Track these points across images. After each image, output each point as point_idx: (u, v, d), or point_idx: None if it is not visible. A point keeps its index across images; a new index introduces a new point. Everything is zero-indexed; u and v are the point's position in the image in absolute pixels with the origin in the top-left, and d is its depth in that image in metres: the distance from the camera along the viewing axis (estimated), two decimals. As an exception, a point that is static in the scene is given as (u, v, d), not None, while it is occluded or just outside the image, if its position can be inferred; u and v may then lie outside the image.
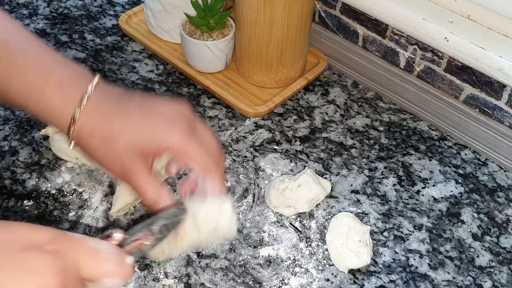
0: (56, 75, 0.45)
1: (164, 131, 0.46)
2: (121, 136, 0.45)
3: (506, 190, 0.66)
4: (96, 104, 0.45)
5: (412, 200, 0.64)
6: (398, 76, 0.77)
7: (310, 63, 0.80)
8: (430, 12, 0.69)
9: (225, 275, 0.56)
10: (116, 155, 0.45)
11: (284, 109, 0.75)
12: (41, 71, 0.45)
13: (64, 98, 0.45)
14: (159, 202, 0.46)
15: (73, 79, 0.46)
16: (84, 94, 0.45)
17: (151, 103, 0.47)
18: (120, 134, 0.45)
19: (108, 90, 0.47)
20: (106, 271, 0.34)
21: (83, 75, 0.47)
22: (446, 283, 0.57)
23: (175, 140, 0.46)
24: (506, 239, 0.61)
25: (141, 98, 0.48)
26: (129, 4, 0.90)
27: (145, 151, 0.46)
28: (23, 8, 0.88)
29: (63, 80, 0.45)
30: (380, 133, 0.72)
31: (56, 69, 0.46)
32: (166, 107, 0.47)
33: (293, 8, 0.67)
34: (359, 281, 0.56)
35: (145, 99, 0.48)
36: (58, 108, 0.45)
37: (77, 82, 0.46)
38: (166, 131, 0.46)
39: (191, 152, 0.46)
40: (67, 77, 0.46)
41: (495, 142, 0.70)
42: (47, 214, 0.60)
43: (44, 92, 0.45)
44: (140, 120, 0.46)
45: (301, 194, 0.60)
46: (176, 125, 0.46)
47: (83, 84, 0.45)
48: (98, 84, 0.46)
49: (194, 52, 0.75)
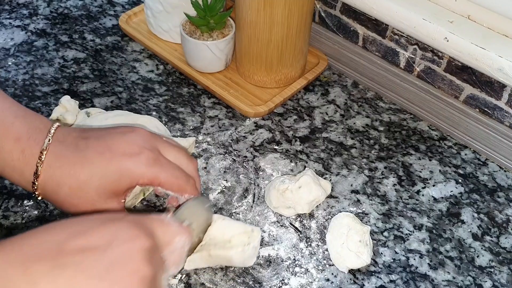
0: (13, 132, 0.45)
1: (130, 168, 0.46)
2: (89, 183, 0.45)
3: (506, 190, 0.66)
4: (56, 155, 0.45)
5: (412, 200, 0.64)
6: (398, 76, 0.77)
7: (310, 63, 0.80)
8: (430, 12, 0.69)
9: (225, 275, 0.56)
10: (88, 201, 0.46)
11: (284, 109, 0.75)
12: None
13: (22, 154, 0.45)
14: None
15: (31, 133, 0.45)
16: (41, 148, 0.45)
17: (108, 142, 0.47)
18: (87, 181, 0.45)
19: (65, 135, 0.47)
20: (173, 232, 0.41)
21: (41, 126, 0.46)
22: (446, 283, 0.57)
23: (143, 173, 0.47)
24: (506, 239, 0.61)
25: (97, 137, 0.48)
26: (129, 4, 0.90)
27: (116, 190, 0.47)
28: (23, 8, 0.88)
29: (22, 136, 0.45)
30: (380, 133, 0.72)
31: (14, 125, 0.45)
32: (125, 141, 0.47)
33: (293, 8, 0.67)
34: (359, 281, 0.56)
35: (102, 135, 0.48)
36: (18, 166, 0.45)
37: (36, 136, 0.45)
38: (132, 168, 0.46)
39: (161, 180, 0.48)
40: (26, 132, 0.45)
41: (495, 142, 0.70)
42: (47, 214, 0.60)
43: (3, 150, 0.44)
44: (103, 162, 0.46)
45: (301, 195, 0.60)
46: (140, 158, 0.47)
47: (40, 137, 0.45)
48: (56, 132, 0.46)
49: (194, 52, 0.75)
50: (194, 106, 0.74)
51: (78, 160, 0.45)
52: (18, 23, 0.85)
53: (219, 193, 0.63)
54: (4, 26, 0.84)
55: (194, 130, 0.71)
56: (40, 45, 0.81)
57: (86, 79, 0.77)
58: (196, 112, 0.73)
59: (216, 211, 0.61)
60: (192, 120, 0.72)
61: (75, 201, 0.46)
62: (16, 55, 0.79)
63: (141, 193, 0.61)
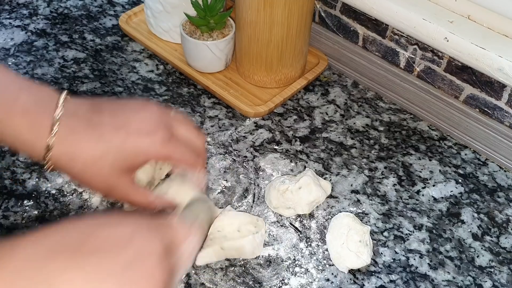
0: (20, 105, 0.44)
1: (146, 145, 0.47)
2: (105, 159, 0.45)
3: (506, 190, 0.66)
4: (70, 128, 0.44)
5: (412, 200, 0.64)
6: (398, 76, 0.77)
7: (310, 63, 0.80)
8: (430, 12, 0.69)
9: (225, 275, 0.56)
10: (101, 177, 0.46)
11: (284, 109, 0.75)
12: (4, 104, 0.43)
13: (33, 127, 0.44)
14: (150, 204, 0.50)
15: (39, 106, 0.44)
16: (53, 119, 0.44)
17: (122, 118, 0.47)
18: (102, 157, 0.45)
19: (76, 107, 0.46)
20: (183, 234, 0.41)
21: (49, 97, 0.45)
22: (446, 283, 0.57)
23: (157, 152, 0.48)
24: (506, 239, 0.61)
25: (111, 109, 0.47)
26: (129, 4, 0.90)
27: (130, 167, 0.47)
28: (23, 8, 0.88)
29: (29, 108, 0.44)
30: (380, 133, 0.72)
31: (20, 97, 0.44)
32: (140, 119, 0.47)
33: (293, 8, 0.67)
34: (359, 281, 0.56)
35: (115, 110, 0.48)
36: (29, 138, 0.44)
37: (44, 109, 0.44)
38: (148, 144, 0.47)
39: (176, 156, 0.49)
40: (33, 105, 0.44)
41: (495, 142, 0.70)
42: (47, 214, 0.60)
43: (11, 124, 0.43)
44: (119, 140, 0.46)
45: (301, 196, 0.60)
46: (156, 135, 0.47)
47: (49, 110, 0.44)
48: (65, 103, 0.45)
49: (194, 52, 0.75)
50: (194, 106, 0.74)
51: (93, 136, 0.45)
52: (18, 23, 0.85)
53: (219, 193, 0.63)
54: (4, 26, 0.84)
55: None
56: (40, 45, 0.81)
57: (86, 79, 0.77)
58: (196, 112, 0.73)
59: (216, 211, 0.62)
60: (192, 120, 0.72)
61: (87, 175, 0.46)
62: (16, 55, 0.79)
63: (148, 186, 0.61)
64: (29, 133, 0.44)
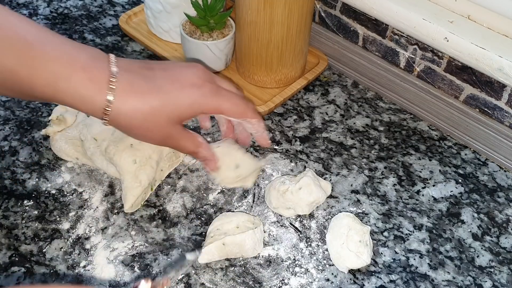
0: (78, 61, 0.46)
1: (198, 98, 0.50)
2: (162, 110, 0.48)
3: (506, 190, 0.66)
4: (128, 82, 0.47)
5: (412, 200, 0.64)
6: (398, 76, 0.77)
7: (310, 63, 0.80)
8: (430, 12, 0.69)
9: (225, 275, 0.56)
10: (159, 128, 0.49)
11: (284, 109, 0.75)
12: (63, 60, 0.45)
13: (92, 83, 0.45)
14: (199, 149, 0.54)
15: (95, 62, 0.46)
16: (110, 75, 0.46)
17: (175, 73, 0.50)
18: (160, 108, 0.48)
19: (129, 64, 0.49)
20: None
21: (102, 56, 0.48)
22: (446, 283, 0.57)
23: (208, 103, 0.51)
24: (506, 239, 0.61)
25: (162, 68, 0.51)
26: (129, 4, 0.90)
27: (184, 117, 0.50)
28: (23, 8, 0.88)
29: (87, 65, 0.46)
30: (380, 133, 0.72)
31: (77, 55, 0.46)
32: (190, 74, 0.51)
33: (293, 8, 0.67)
34: (359, 281, 0.56)
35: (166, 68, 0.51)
36: (88, 94, 0.46)
37: (100, 65, 0.46)
38: (200, 98, 0.50)
39: (224, 108, 0.52)
40: (90, 61, 0.46)
41: (495, 142, 0.70)
42: (47, 214, 0.60)
43: (70, 80, 0.45)
44: (175, 91, 0.49)
45: (301, 197, 0.60)
46: (205, 89, 0.51)
47: (105, 65, 0.47)
48: (117, 61, 0.48)
49: (194, 52, 0.75)
50: (194, 106, 0.74)
51: (150, 88, 0.48)
52: (18, 23, 0.85)
53: (219, 193, 0.63)
54: (4, 26, 0.84)
55: (194, 131, 0.70)
56: (40, 45, 0.81)
57: (86, 79, 0.76)
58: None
59: (216, 211, 0.61)
60: (192, 120, 0.72)
61: (145, 125, 0.48)
62: (16, 55, 0.79)
63: (149, 186, 0.61)
64: (87, 88, 0.45)
